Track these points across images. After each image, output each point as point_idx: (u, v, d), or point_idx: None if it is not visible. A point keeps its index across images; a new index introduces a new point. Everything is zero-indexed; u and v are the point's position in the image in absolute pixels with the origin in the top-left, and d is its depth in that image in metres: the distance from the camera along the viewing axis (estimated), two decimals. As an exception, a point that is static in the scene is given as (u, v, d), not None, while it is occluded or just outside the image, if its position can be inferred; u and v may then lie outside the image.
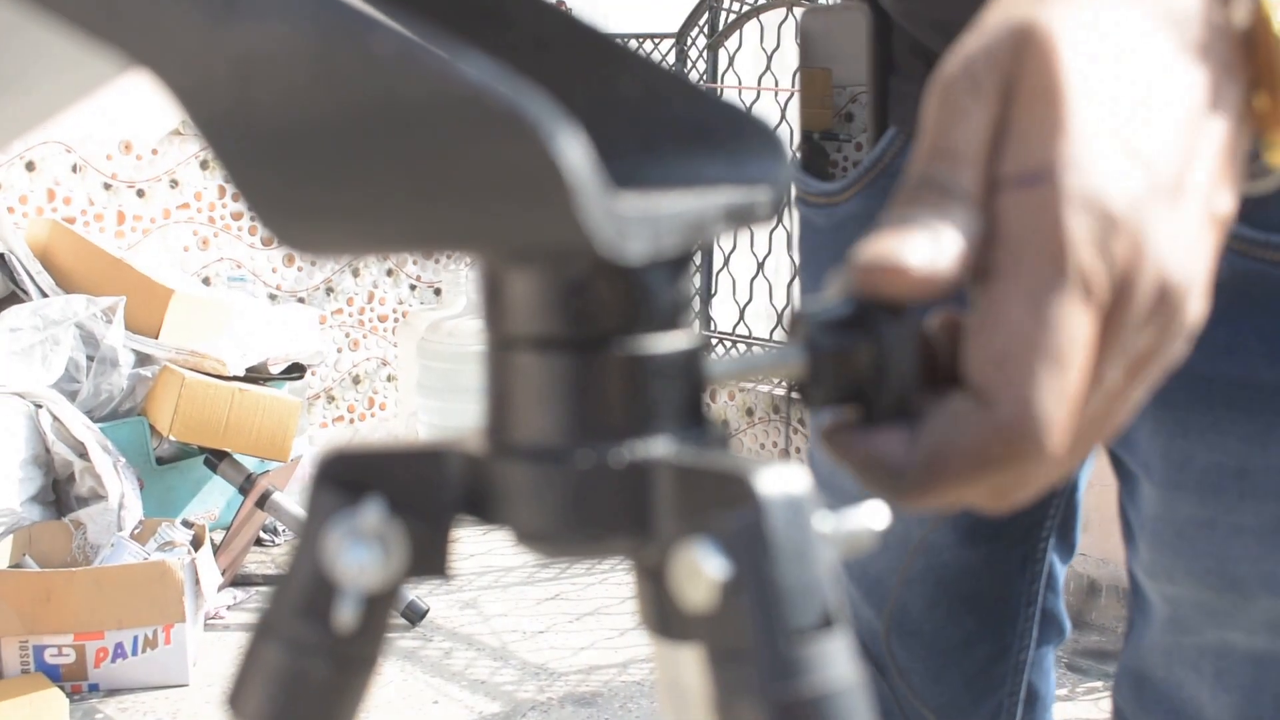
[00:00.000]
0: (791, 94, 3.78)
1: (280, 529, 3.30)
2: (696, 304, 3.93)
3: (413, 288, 4.17)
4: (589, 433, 0.34)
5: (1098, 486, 1.15)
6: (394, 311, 4.12)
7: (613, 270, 0.32)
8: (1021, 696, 1.03)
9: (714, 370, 0.37)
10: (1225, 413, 0.78)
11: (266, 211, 0.28)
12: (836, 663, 0.32)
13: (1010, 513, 0.94)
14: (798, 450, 3.55)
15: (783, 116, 3.83)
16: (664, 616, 0.39)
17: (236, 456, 2.97)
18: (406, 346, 3.97)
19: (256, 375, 3.05)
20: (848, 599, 1.00)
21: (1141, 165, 0.40)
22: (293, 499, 3.02)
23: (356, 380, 4.05)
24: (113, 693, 2.53)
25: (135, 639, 2.52)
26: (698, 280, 3.95)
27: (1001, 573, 0.99)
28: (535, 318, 0.34)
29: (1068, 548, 1.00)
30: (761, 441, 3.77)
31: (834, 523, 0.34)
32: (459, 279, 4.08)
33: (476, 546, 3.52)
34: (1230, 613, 0.82)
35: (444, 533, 0.35)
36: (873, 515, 0.35)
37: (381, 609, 0.35)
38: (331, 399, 3.99)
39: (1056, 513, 0.98)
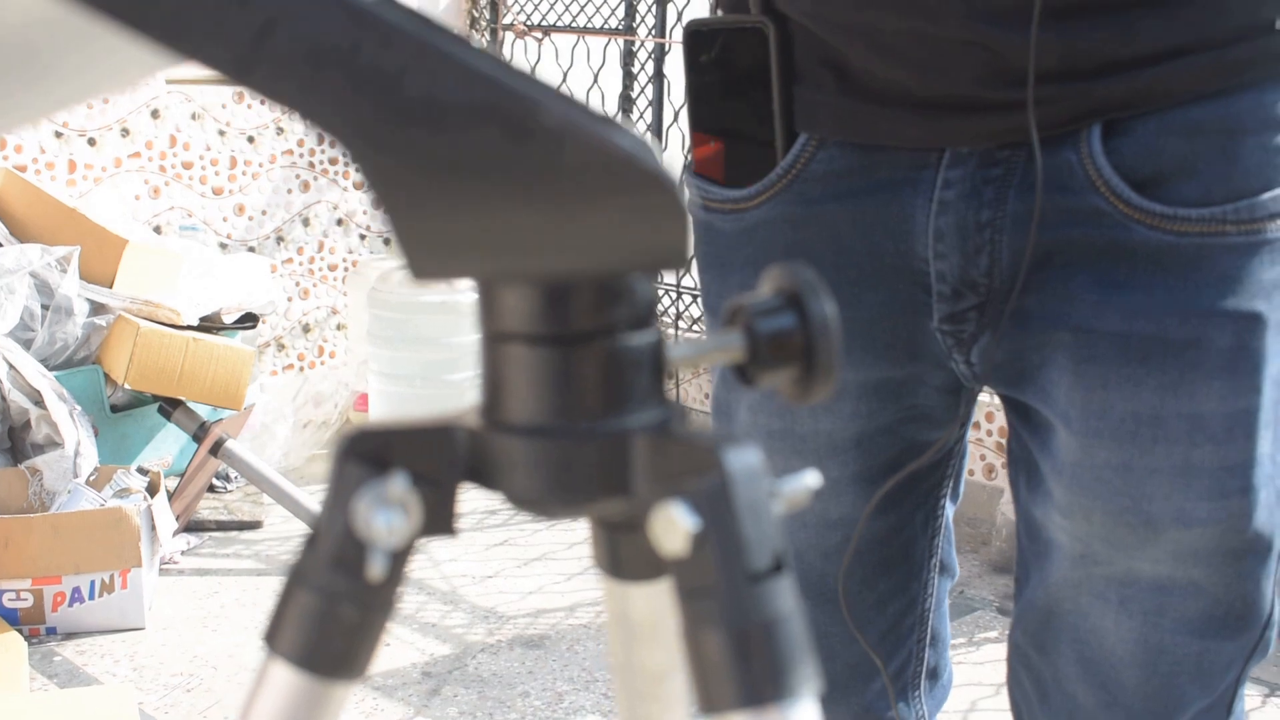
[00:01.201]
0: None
1: (232, 476, 3.35)
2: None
3: (362, 237, 4.20)
4: (574, 411, 0.41)
5: None
6: (344, 261, 4.14)
7: (603, 283, 0.39)
8: (927, 641, 1.12)
9: (671, 356, 0.44)
10: (1140, 367, 0.87)
11: (418, 244, 0.34)
12: (784, 598, 0.39)
13: (914, 477, 1.03)
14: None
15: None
16: (616, 561, 0.47)
17: (190, 404, 3.01)
18: (356, 296, 4.00)
19: (210, 325, 3.08)
20: None
21: None
22: (245, 446, 3.06)
23: (306, 329, 4.08)
24: (70, 636, 2.58)
25: (92, 584, 2.57)
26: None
27: (908, 535, 1.07)
28: (532, 319, 0.40)
29: (956, 496, 1.09)
30: (706, 392, 3.85)
31: (780, 485, 0.41)
32: (408, 229, 4.11)
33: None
34: (1139, 545, 0.90)
35: (452, 497, 0.42)
36: (809, 479, 0.42)
37: (401, 562, 0.41)
38: (282, 347, 4.03)
39: (953, 472, 1.07)
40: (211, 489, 3.31)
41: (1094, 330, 0.88)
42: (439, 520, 0.41)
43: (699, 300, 0.98)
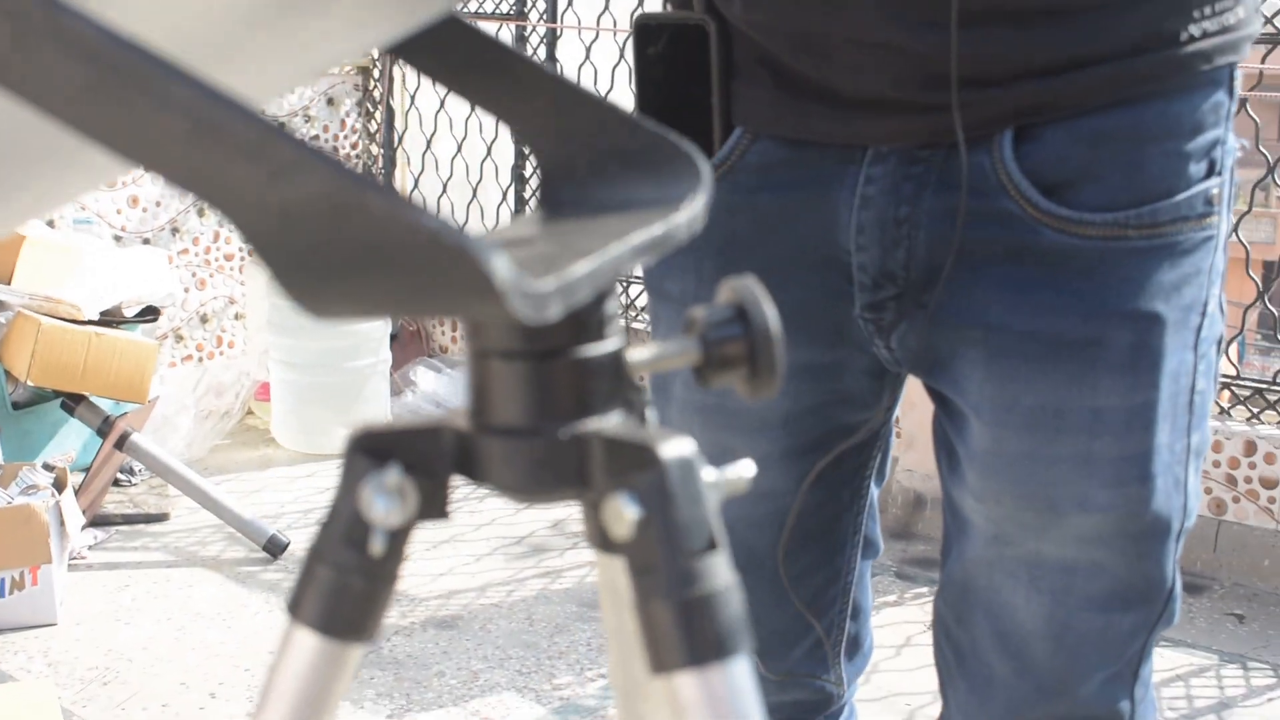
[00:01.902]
0: (630, 34, 3.90)
1: (136, 469, 3.35)
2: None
3: (258, 227, 4.21)
4: (545, 415, 0.49)
5: (921, 409, 1.31)
6: (240, 251, 4.15)
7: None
8: (849, 612, 1.19)
9: (634, 360, 0.51)
10: (1046, 363, 0.93)
11: (297, 295, 0.42)
12: (719, 573, 0.47)
13: (839, 458, 1.09)
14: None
15: (621, 55, 3.95)
16: (604, 536, 0.54)
17: (93, 399, 3.01)
18: (255, 285, 4.01)
19: (111, 319, 3.09)
20: None
21: None
22: (148, 439, 3.08)
23: (204, 319, 4.09)
24: (-18, 634, 2.59)
25: (2, 581, 2.58)
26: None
27: (833, 511, 1.13)
28: (506, 337, 0.48)
29: (881, 477, 1.16)
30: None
31: (716, 474, 0.49)
32: (305, 218, 4.13)
33: (332, 480, 3.62)
34: (1046, 528, 0.97)
35: (444, 487, 0.49)
36: (744, 468, 0.50)
37: (400, 541, 0.49)
38: (180, 338, 4.02)
39: (878, 454, 1.13)
40: (116, 483, 3.32)
41: (1003, 327, 0.94)
42: (433, 506, 0.49)
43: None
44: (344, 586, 0.49)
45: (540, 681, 2.52)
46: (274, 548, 3.02)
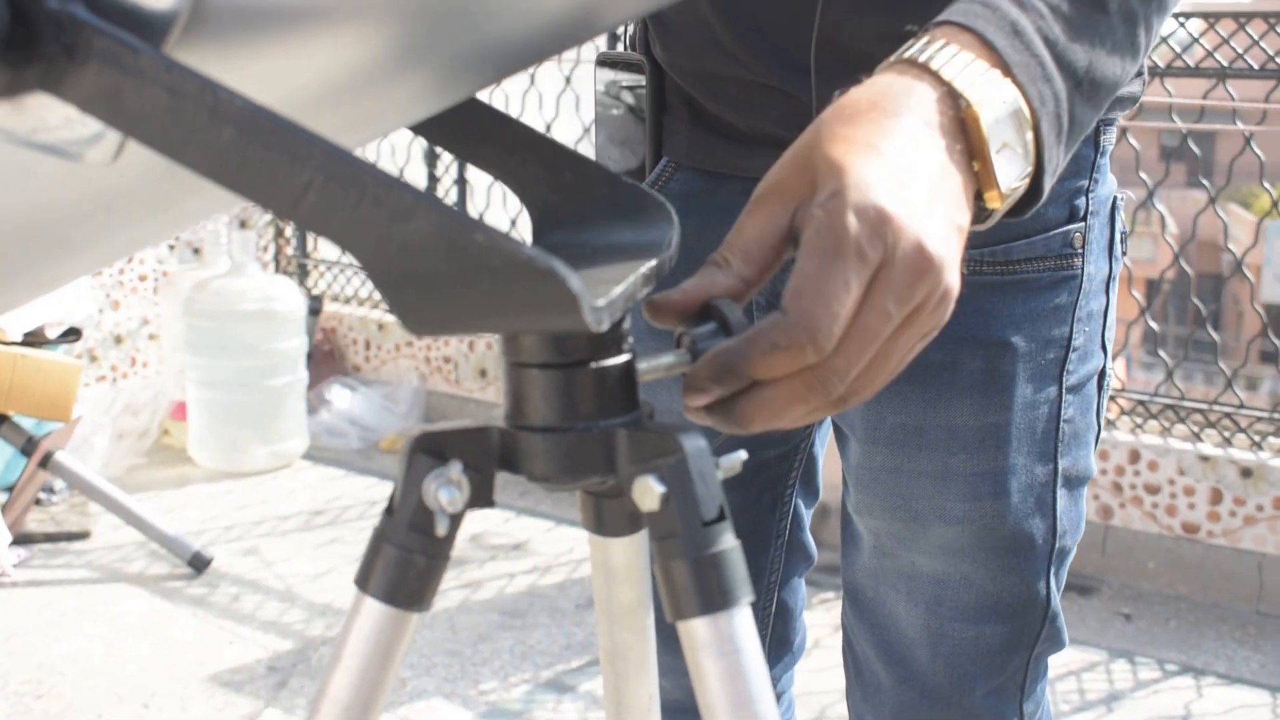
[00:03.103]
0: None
1: (56, 488, 3.37)
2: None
3: (171, 248, 4.23)
4: (575, 415, 0.59)
5: (826, 425, 1.40)
6: (154, 271, 4.17)
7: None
8: (773, 611, 1.26)
9: (639, 369, 0.62)
10: (907, 385, 1.02)
11: (405, 314, 0.51)
12: (726, 537, 0.58)
13: (760, 464, 1.18)
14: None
15: (531, 82, 4.05)
16: (600, 520, 0.65)
17: (15, 418, 3.03)
18: (170, 306, 4.03)
19: (34, 339, 3.11)
20: None
21: (906, 193, 0.62)
22: (73, 458, 3.10)
23: (119, 340, 4.10)
24: (-91, 652, 2.61)
25: (-70, 599, 2.60)
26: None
27: (754, 514, 1.21)
28: (542, 352, 0.58)
29: (812, 493, 1.25)
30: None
31: (721, 460, 0.60)
32: (219, 239, 4.16)
33: (251, 497, 3.66)
34: (914, 539, 1.06)
35: (490, 480, 0.59)
36: (738, 456, 0.61)
37: (456, 525, 0.59)
38: (94, 359, 4.03)
39: (799, 465, 1.22)
40: (36, 502, 3.33)
41: None
42: (482, 496, 0.59)
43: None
44: (409, 564, 0.58)
45: (466, 688, 2.60)
46: (198, 563, 3.07)
